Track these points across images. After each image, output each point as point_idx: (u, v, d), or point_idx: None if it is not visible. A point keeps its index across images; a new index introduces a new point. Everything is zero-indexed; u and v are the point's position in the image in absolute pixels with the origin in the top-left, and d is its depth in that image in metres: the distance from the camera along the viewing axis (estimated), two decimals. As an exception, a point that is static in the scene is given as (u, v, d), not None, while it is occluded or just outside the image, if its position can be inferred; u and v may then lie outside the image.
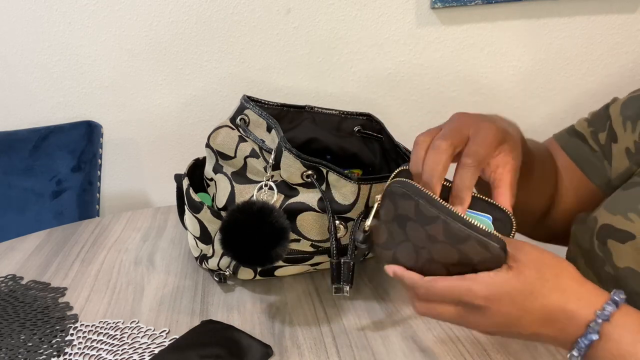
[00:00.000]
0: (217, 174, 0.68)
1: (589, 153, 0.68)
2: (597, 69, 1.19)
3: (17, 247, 0.81)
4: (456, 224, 0.44)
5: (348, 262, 0.57)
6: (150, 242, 0.82)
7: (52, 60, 1.15)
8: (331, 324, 0.61)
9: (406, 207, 0.48)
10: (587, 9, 1.14)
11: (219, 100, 1.20)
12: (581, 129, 0.71)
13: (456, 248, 0.45)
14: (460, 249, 0.44)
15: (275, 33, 1.14)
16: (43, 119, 1.19)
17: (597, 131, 0.68)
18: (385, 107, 1.20)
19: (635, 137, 0.62)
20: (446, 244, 0.45)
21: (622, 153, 0.64)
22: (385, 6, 1.12)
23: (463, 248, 0.44)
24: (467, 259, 0.45)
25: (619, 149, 0.64)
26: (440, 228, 0.45)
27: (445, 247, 0.45)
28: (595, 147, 0.68)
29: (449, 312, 0.46)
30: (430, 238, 0.46)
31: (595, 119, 0.70)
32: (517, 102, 1.21)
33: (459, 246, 0.44)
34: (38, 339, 0.59)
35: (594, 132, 0.69)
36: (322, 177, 0.60)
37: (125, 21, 1.13)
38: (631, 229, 0.54)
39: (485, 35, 1.15)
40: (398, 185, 0.49)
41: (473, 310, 0.45)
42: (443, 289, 0.45)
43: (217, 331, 0.58)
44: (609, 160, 0.65)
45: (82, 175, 1.13)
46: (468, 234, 0.44)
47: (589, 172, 0.68)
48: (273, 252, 0.55)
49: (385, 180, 0.60)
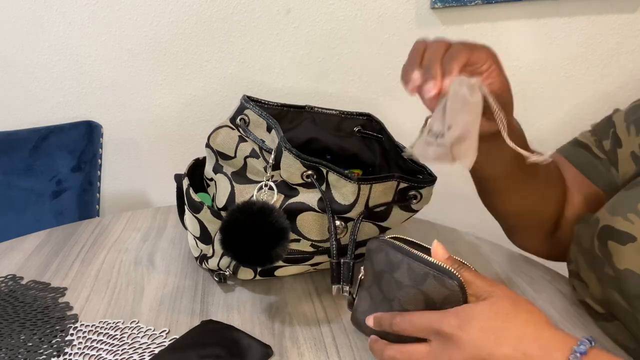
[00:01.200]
0: (217, 174, 0.68)
1: (595, 161, 0.68)
2: (597, 69, 1.19)
3: (17, 247, 0.80)
4: (416, 263, 0.47)
5: (348, 262, 0.57)
6: (150, 242, 0.82)
7: (52, 60, 1.15)
8: (331, 324, 0.61)
9: (380, 261, 0.51)
10: (587, 9, 1.14)
11: (219, 100, 1.20)
12: (585, 139, 0.71)
13: (419, 290, 0.47)
14: (423, 290, 0.46)
15: (275, 33, 1.14)
16: (43, 119, 1.19)
17: (600, 139, 0.68)
18: (385, 107, 1.20)
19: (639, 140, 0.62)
20: (411, 288, 0.47)
21: (628, 157, 0.64)
22: (385, 6, 1.12)
23: (425, 289, 0.46)
24: (431, 301, 0.46)
25: (624, 154, 0.64)
26: (404, 271, 0.48)
27: (410, 291, 0.47)
28: (600, 154, 0.68)
29: (420, 351, 0.45)
30: (398, 285, 0.48)
31: (598, 128, 0.70)
32: (517, 102, 1.21)
33: (421, 287, 0.46)
34: (38, 339, 0.59)
35: (597, 141, 0.69)
36: (322, 177, 0.60)
37: (125, 21, 1.13)
38: (631, 231, 0.54)
39: (485, 35, 1.15)
40: (374, 240, 0.52)
41: (445, 342, 0.43)
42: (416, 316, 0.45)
43: (217, 331, 0.58)
44: (615, 166, 0.65)
45: (82, 175, 1.13)
46: (426, 271, 0.46)
47: (596, 179, 0.67)
48: (273, 252, 0.55)
49: (385, 180, 0.60)
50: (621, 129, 0.65)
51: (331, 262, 0.58)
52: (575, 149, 0.71)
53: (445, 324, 0.43)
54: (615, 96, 1.21)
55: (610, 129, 0.67)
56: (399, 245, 0.50)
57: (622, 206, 0.57)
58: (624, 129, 0.65)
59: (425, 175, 0.65)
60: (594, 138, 0.69)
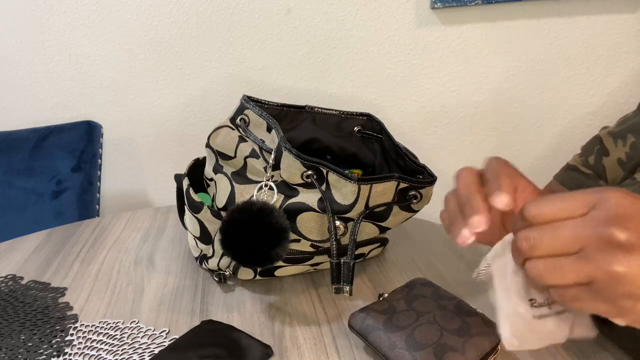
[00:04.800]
0: (217, 174, 0.68)
1: (583, 179, 0.69)
2: (597, 69, 1.19)
3: (17, 247, 0.81)
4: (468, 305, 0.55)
5: (348, 262, 0.57)
6: (150, 242, 0.82)
7: (52, 60, 1.15)
8: (331, 324, 0.61)
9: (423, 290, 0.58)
10: (587, 9, 1.14)
11: (219, 100, 1.20)
12: (574, 162, 0.74)
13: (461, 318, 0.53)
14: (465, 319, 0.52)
15: (275, 33, 1.14)
16: (43, 119, 1.20)
17: (587, 156, 0.70)
18: (385, 107, 1.20)
19: (626, 149, 0.63)
20: (453, 313, 0.53)
21: (615, 164, 0.65)
22: (385, 6, 1.12)
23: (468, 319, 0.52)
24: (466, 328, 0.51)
25: (611, 161, 0.66)
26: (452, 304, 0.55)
27: (450, 315, 0.53)
28: (587, 171, 0.70)
29: (581, 256, 0.34)
30: (440, 307, 0.54)
31: (585, 148, 0.74)
32: (517, 102, 1.21)
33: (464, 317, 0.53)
34: (38, 339, 0.59)
35: (584, 159, 0.71)
36: (322, 177, 0.60)
37: (125, 21, 1.13)
38: None
39: (485, 35, 1.15)
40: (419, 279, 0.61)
41: (614, 239, 0.33)
42: (564, 196, 0.36)
43: (217, 331, 0.58)
44: (603, 176, 0.67)
45: (82, 175, 1.13)
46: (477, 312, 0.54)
47: None
48: (273, 252, 0.55)
49: (385, 180, 0.60)
50: (608, 142, 0.67)
51: (331, 262, 0.58)
52: (567, 173, 0.74)
53: (622, 227, 0.33)
54: (615, 96, 1.21)
55: (596, 146, 0.69)
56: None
57: None
58: (611, 142, 0.67)
59: (425, 175, 0.65)
60: (581, 159, 0.72)
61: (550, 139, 1.25)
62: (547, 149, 1.26)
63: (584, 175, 0.69)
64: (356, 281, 0.70)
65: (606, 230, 0.33)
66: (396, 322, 0.52)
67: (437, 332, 0.50)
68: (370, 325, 0.53)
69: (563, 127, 1.24)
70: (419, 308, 0.54)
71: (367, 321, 0.54)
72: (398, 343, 0.50)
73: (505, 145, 1.26)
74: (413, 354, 0.49)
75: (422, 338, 0.50)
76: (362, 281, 0.70)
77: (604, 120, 1.22)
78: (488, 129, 1.24)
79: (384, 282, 0.70)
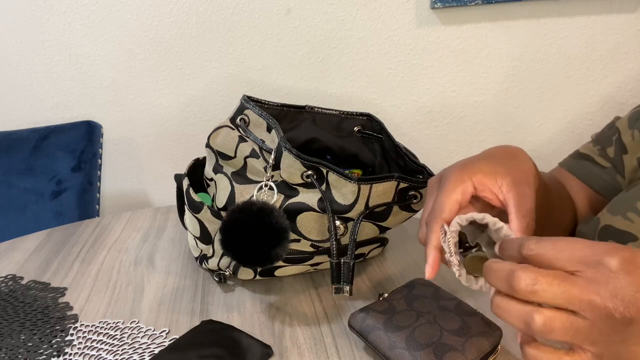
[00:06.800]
0: (217, 174, 0.68)
1: (599, 171, 0.67)
2: (597, 69, 1.18)
3: (17, 247, 0.81)
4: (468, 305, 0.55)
5: (348, 262, 0.57)
6: (150, 242, 0.82)
7: (52, 60, 1.15)
8: (331, 324, 0.61)
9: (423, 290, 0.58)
10: (587, 9, 1.14)
11: (219, 100, 1.20)
12: (587, 150, 0.70)
13: (461, 318, 0.53)
14: (465, 319, 0.53)
15: (275, 33, 1.14)
16: (43, 119, 1.19)
17: (604, 147, 0.68)
18: (385, 107, 1.20)
19: None
20: (453, 314, 0.53)
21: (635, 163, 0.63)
22: (385, 6, 1.12)
23: (468, 319, 0.53)
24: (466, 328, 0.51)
25: (630, 160, 0.64)
26: (453, 304, 0.55)
27: (450, 315, 0.53)
28: (605, 163, 0.67)
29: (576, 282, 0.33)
30: (440, 307, 0.55)
31: (600, 137, 0.70)
32: (517, 102, 1.21)
33: (464, 317, 0.53)
34: (38, 339, 0.59)
35: (601, 149, 0.68)
36: (322, 177, 0.60)
37: (125, 21, 1.13)
38: (631, 230, 0.54)
39: (485, 35, 1.15)
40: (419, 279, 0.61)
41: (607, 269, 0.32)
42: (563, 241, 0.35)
43: (217, 331, 0.58)
44: (622, 173, 0.65)
45: (82, 175, 1.13)
46: (477, 312, 0.54)
47: (603, 190, 0.67)
48: (273, 252, 0.55)
49: (385, 180, 0.60)
50: (626, 135, 0.65)
51: (331, 262, 0.58)
52: (577, 161, 0.70)
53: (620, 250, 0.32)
54: (615, 96, 1.21)
55: (613, 135, 0.67)
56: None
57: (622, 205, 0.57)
58: (629, 134, 0.65)
59: (425, 175, 0.65)
60: (596, 147, 0.69)
61: (550, 139, 1.25)
62: (547, 149, 1.26)
63: (600, 168, 0.67)
64: (356, 281, 0.70)
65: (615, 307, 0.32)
66: (396, 322, 0.52)
67: (437, 332, 0.50)
68: (370, 325, 0.53)
69: (563, 127, 1.24)
70: (419, 308, 0.54)
71: (367, 321, 0.54)
72: (398, 343, 0.50)
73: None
74: (413, 354, 0.49)
75: (422, 338, 0.50)
76: (362, 281, 0.70)
77: (604, 120, 1.22)
78: (488, 129, 1.24)
79: (384, 282, 0.70)
